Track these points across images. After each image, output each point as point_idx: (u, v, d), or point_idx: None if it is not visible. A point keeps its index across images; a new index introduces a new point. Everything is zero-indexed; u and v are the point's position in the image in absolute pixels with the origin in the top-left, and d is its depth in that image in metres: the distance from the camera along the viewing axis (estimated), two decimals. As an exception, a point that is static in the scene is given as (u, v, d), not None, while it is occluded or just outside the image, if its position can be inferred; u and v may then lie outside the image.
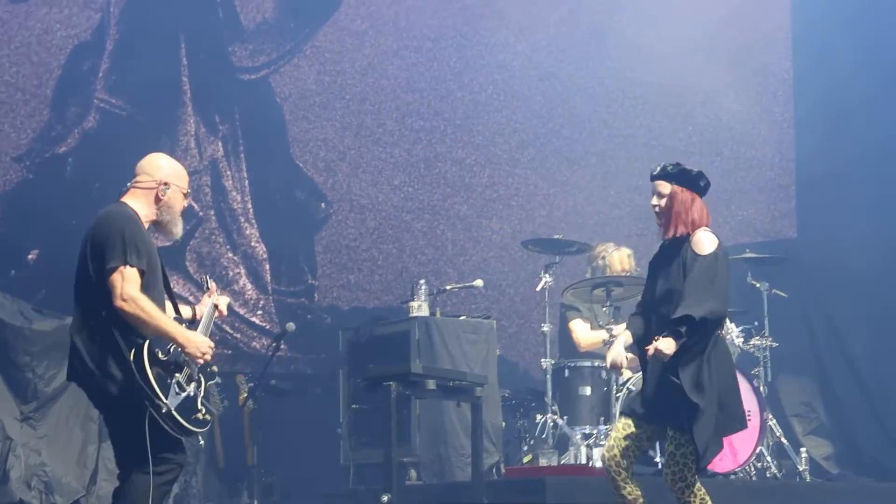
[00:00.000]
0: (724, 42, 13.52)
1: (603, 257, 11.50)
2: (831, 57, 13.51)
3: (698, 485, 7.88)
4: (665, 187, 7.93)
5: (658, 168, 7.98)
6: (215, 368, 7.16)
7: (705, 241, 7.61)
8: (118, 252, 6.71)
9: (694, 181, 7.97)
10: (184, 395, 6.90)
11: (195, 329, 6.98)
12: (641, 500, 7.90)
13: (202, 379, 6.97)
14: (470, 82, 13.39)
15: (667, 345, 7.43)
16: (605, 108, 13.34)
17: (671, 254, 7.84)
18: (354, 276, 12.79)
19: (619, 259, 11.54)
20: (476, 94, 13.36)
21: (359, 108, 13.04)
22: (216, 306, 7.13)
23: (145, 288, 6.87)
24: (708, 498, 7.93)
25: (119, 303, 6.63)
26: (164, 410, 6.70)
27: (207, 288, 7.13)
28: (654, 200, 8.01)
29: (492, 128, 13.35)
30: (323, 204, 12.83)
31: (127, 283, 6.67)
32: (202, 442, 7.33)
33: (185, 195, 7.14)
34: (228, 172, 12.49)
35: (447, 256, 12.99)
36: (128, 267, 6.71)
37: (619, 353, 7.96)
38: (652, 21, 13.35)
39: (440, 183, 13.22)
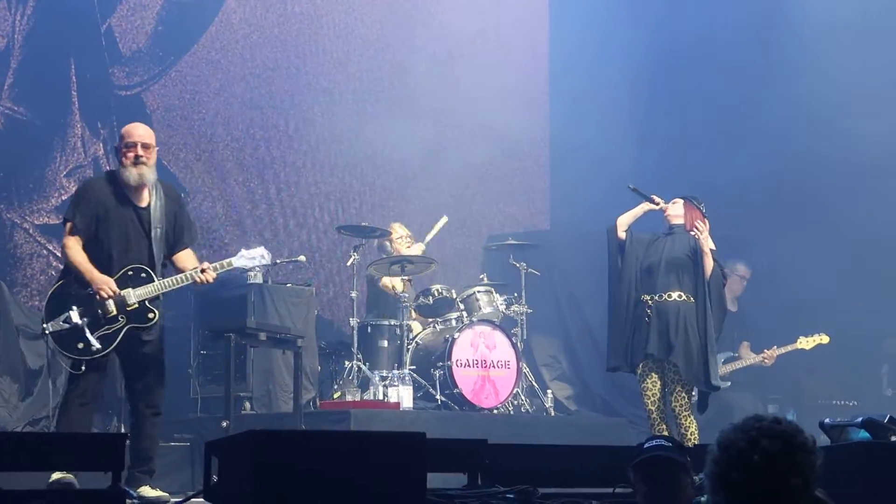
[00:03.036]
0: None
1: (398, 238, 11.75)
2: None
3: None
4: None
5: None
6: (150, 315, 7.35)
7: None
8: (67, 209, 7.48)
9: None
10: (67, 325, 7.12)
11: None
12: None
13: (112, 317, 7.22)
14: (300, 102, 13.38)
15: None
16: (409, 126, 13.26)
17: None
18: (206, 252, 12.58)
19: (398, 239, 11.78)
20: (304, 111, 13.37)
21: (212, 120, 12.97)
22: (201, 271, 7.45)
23: (90, 238, 7.29)
24: None
25: (62, 249, 7.35)
26: (42, 331, 7.01)
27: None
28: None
29: (316, 138, 13.36)
30: (182, 194, 12.62)
31: (65, 234, 7.32)
32: (83, 369, 7.37)
33: (127, 146, 7.52)
34: (107, 166, 12.22)
35: (280, 238, 12.96)
36: (67, 222, 7.33)
37: None
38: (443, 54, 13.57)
39: (275, 180, 13.20)
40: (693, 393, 9.15)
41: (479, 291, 11.48)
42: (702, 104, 14.03)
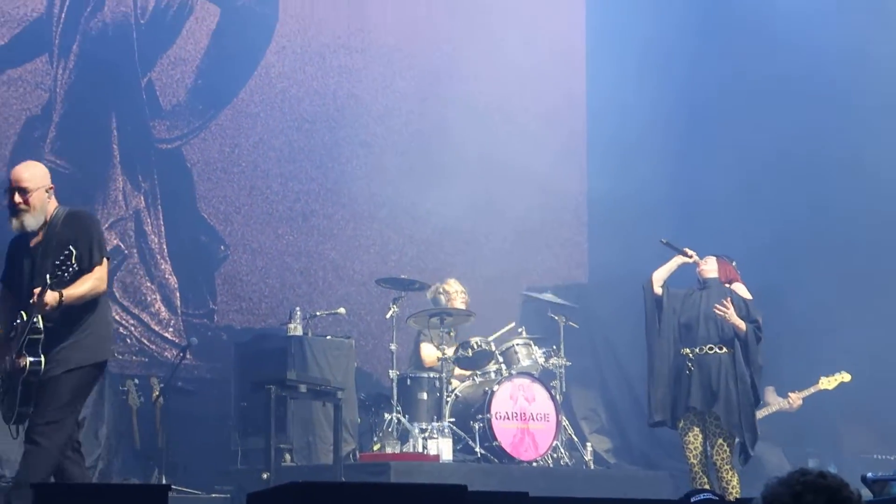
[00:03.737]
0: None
1: (445, 291, 11.77)
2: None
3: None
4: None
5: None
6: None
7: None
8: None
9: None
10: None
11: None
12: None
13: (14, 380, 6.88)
14: (339, 155, 13.39)
15: None
16: (448, 179, 13.20)
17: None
18: (245, 304, 12.71)
19: (455, 293, 11.82)
20: (343, 164, 13.39)
21: (252, 173, 12.98)
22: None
23: (12, 292, 7.15)
24: None
25: None
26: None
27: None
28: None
29: (355, 191, 13.36)
30: (222, 247, 12.73)
31: None
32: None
33: (4, 194, 7.22)
34: (148, 220, 12.35)
35: (318, 290, 12.95)
36: None
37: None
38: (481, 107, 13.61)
39: (314, 233, 13.19)
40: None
41: (517, 344, 11.48)
42: (737, 153, 13.89)
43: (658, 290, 9.36)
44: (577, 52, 14.84)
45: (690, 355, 9.13)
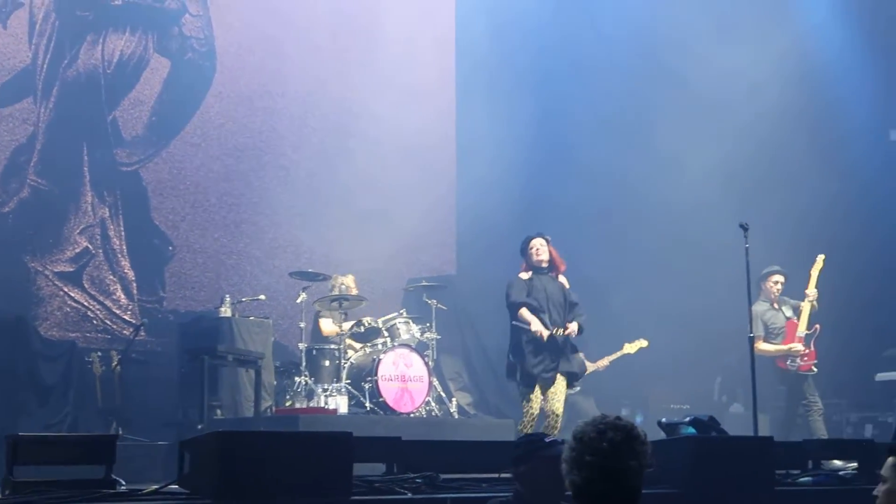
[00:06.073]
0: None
1: (343, 283, 11.70)
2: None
3: None
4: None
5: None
6: None
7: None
8: None
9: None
10: None
11: None
12: None
13: None
14: (263, 176, 13.28)
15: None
16: (350, 197, 13.28)
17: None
18: (188, 292, 12.61)
19: (350, 282, 11.74)
20: (266, 183, 13.27)
21: (194, 189, 12.87)
22: None
23: None
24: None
25: None
26: None
27: None
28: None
29: (275, 204, 13.24)
30: (170, 248, 12.62)
31: None
32: None
33: None
34: (112, 226, 12.26)
35: (246, 281, 12.83)
36: None
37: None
38: (374, 138, 13.59)
39: (243, 237, 13.08)
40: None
41: (399, 322, 11.43)
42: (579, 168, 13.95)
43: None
44: (449, 91, 14.82)
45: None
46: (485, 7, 14.41)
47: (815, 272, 10.56)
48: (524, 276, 9.14)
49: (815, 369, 10.46)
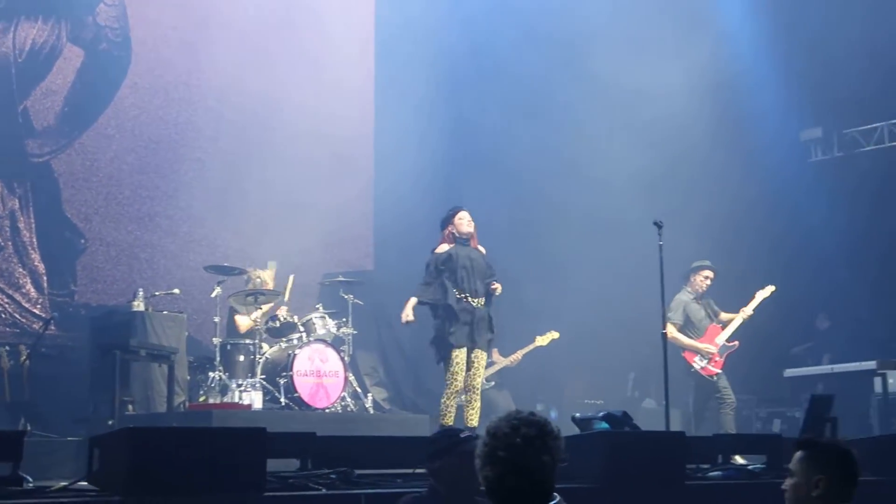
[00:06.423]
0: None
1: (257, 277, 11.58)
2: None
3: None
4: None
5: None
6: None
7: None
8: None
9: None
10: None
11: None
12: None
13: None
14: (178, 169, 13.13)
15: None
16: (266, 188, 13.17)
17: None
18: (100, 286, 12.42)
19: (267, 277, 11.63)
20: (182, 176, 13.12)
21: (108, 182, 12.67)
22: None
23: None
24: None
25: None
26: None
27: None
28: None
29: (190, 197, 13.09)
30: (82, 240, 12.41)
31: None
32: None
33: None
34: (22, 218, 12.03)
35: (160, 275, 12.67)
36: None
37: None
38: (292, 133, 13.48)
39: (157, 230, 12.91)
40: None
41: (315, 317, 11.38)
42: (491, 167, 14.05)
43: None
44: (368, 88, 14.81)
45: (467, 300, 9.10)
46: (402, 9, 14.45)
47: (760, 295, 10.72)
48: (443, 248, 9.28)
49: (716, 378, 10.58)
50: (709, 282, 10.85)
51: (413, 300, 9.24)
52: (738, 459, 7.98)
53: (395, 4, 14.70)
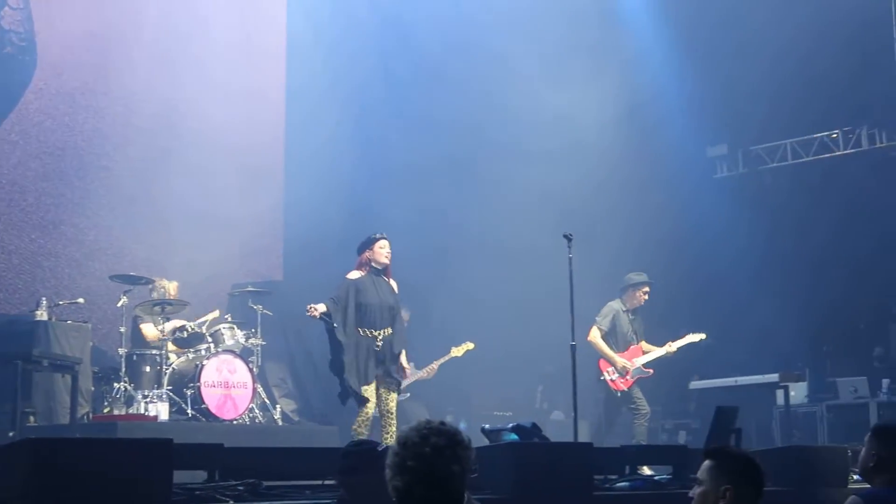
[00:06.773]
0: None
1: (163, 287, 11.43)
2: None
3: None
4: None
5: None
6: None
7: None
8: None
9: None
10: None
11: None
12: None
13: None
14: (84, 176, 12.86)
15: None
16: (176, 196, 12.97)
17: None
18: (2, 294, 12.14)
19: (172, 288, 11.49)
20: (88, 184, 12.86)
21: (11, 188, 12.36)
22: None
23: None
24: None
25: None
26: None
27: None
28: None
29: (96, 205, 12.83)
30: (-16, 248, 12.18)
31: None
32: None
33: None
34: None
35: (64, 284, 12.40)
36: None
37: None
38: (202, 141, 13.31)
39: (62, 238, 12.64)
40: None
41: (224, 327, 11.27)
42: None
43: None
44: (279, 99, 14.70)
45: (373, 335, 9.01)
46: (313, 24, 14.43)
47: (689, 338, 10.97)
48: (354, 275, 9.13)
49: (628, 389, 10.70)
50: (646, 297, 10.96)
51: (323, 307, 9.09)
52: (646, 470, 8.07)
53: (306, 12, 14.64)
